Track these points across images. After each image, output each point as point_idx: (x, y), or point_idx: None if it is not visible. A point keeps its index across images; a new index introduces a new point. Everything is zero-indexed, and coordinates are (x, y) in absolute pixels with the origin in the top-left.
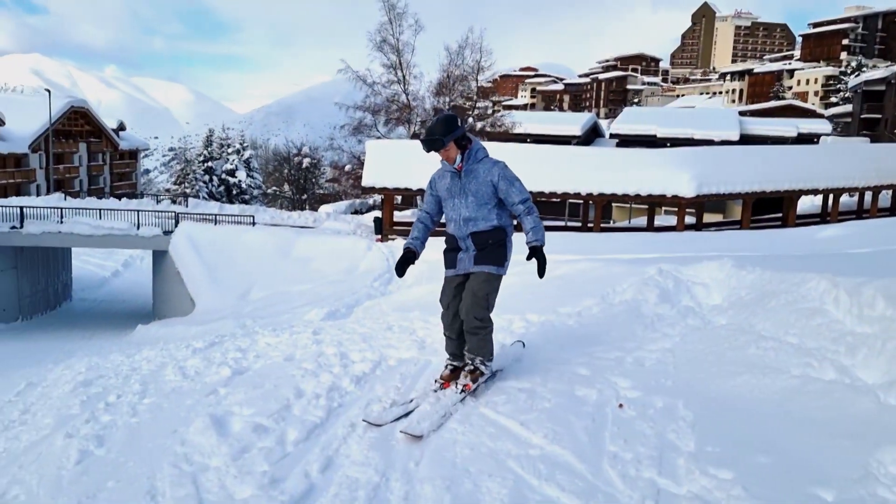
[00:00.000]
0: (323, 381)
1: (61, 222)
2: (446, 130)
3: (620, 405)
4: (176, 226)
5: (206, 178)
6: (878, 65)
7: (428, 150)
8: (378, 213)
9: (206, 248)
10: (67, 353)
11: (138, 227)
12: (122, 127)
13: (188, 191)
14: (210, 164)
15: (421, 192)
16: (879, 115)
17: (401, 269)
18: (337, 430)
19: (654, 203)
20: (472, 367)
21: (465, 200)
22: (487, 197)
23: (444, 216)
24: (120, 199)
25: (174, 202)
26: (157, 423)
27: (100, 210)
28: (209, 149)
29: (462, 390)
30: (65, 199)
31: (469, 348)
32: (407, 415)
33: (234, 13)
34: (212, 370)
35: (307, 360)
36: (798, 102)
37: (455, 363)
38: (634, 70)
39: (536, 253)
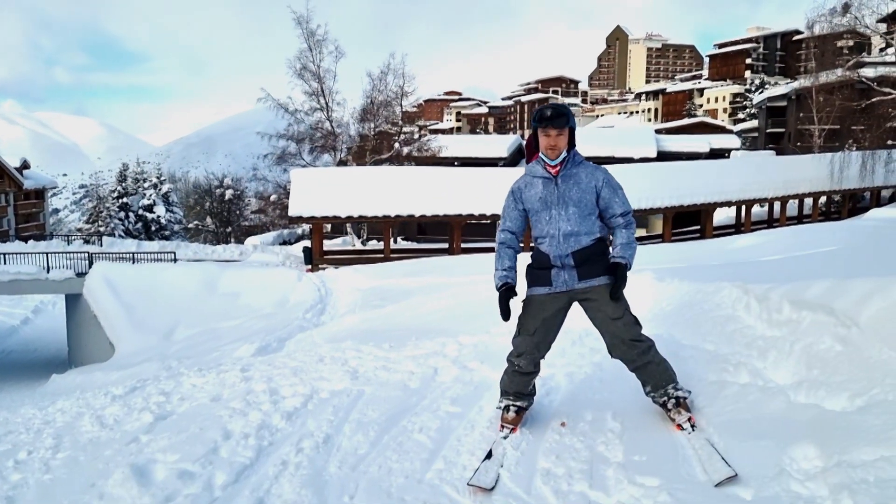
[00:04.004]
0: (252, 419)
1: None
2: (570, 114)
3: (563, 423)
4: (90, 267)
5: (122, 214)
6: (778, 82)
7: (547, 124)
8: (307, 243)
9: (124, 288)
10: None
11: (48, 271)
12: (25, 165)
13: (102, 229)
14: (125, 199)
15: (350, 219)
16: (783, 129)
17: (506, 311)
18: (268, 470)
19: None
20: (674, 401)
21: (565, 211)
22: (591, 207)
23: (534, 232)
24: (27, 242)
25: (87, 242)
26: (73, 477)
27: (3, 254)
28: (123, 184)
29: (693, 426)
30: None
31: (653, 384)
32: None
33: (142, 42)
34: (133, 417)
35: (235, 399)
36: (709, 119)
37: (519, 403)
38: (555, 92)
39: (618, 270)
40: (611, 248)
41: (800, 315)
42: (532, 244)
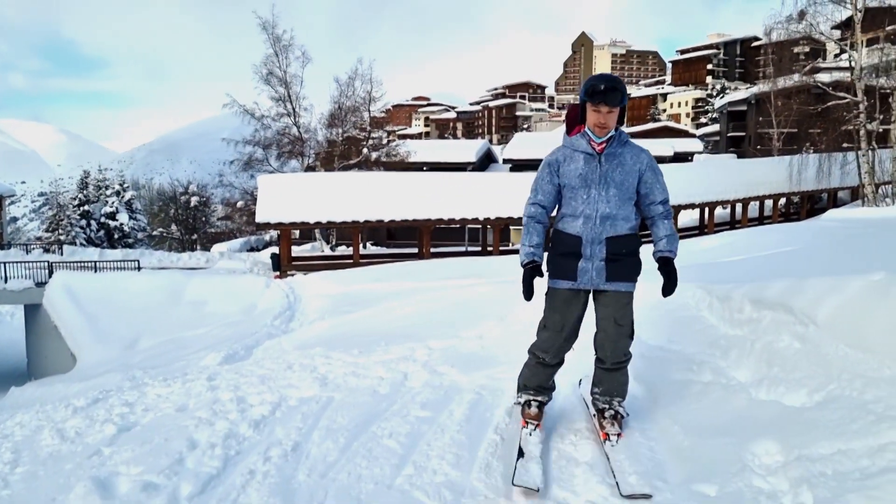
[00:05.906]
0: (218, 429)
1: None
2: (624, 90)
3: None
4: (50, 276)
5: (83, 222)
6: (738, 87)
7: (599, 100)
8: (275, 250)
9: (86, 297)
10: None
11: (6, 281)
12: None
13: (63, 238)
14: (87, 207)
15: (318, 225)
16: (743, 133)
17: (530, 289)
18: (235, 480)
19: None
20: (613, 412)
21: (605, 192)
22: (631, 191)
23: (562, 209)
24: None
25: (47, 251)
26: (32, 493)
27: None
28: (85, 191)
29: (618, 441)
30: None
31: (605, 389)
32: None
33: (101, 47)
34: (95, 429)
35: (201, 409)
36: (672, 124)
37: (540, 398)
38: (522, 97)
39: (668, 265)
40: (653, 242)
41: (760, 314)
42: (556, 225)
